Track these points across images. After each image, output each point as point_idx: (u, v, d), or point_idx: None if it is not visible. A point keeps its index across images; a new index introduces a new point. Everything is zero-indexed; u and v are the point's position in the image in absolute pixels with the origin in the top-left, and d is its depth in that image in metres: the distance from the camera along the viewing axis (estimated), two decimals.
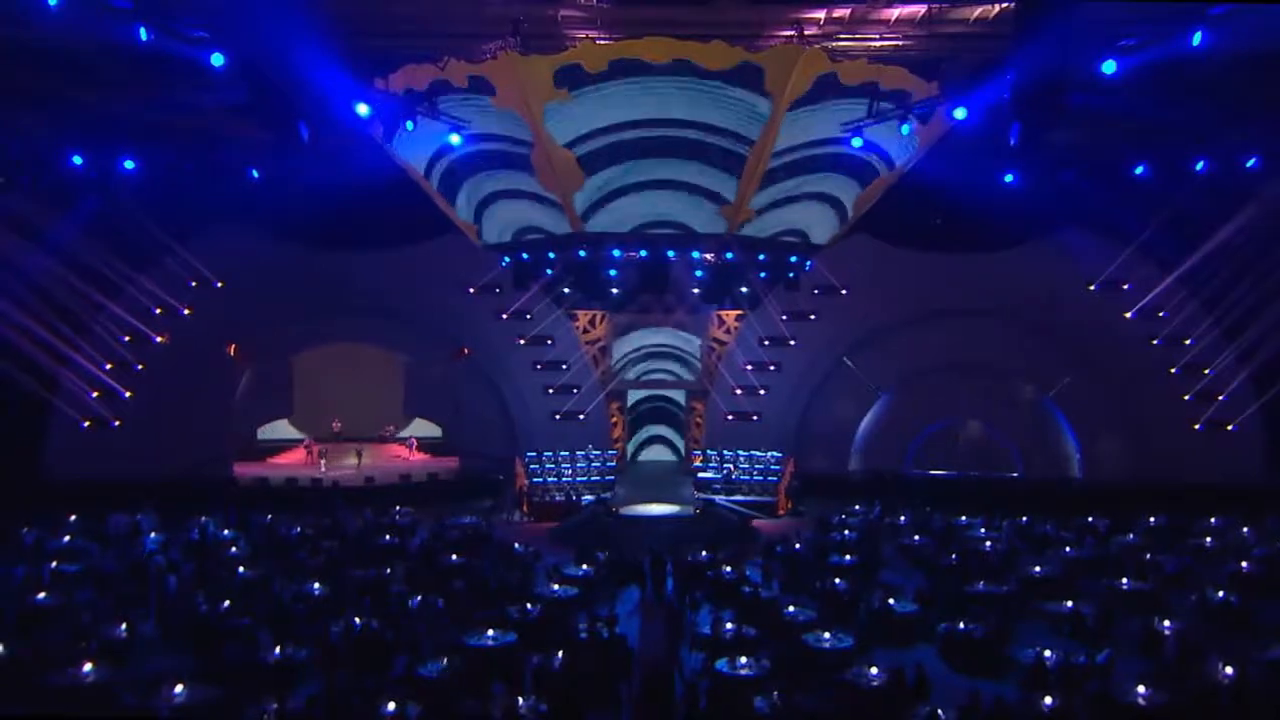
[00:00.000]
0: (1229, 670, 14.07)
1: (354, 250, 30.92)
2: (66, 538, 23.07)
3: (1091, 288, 30.68)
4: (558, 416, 31.79)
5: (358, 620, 16.15)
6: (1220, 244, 27.98)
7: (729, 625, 16.49)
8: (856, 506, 27.25)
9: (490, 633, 15.86)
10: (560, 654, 14.78)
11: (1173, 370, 30.30)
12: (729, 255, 26.16)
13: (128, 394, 29.92)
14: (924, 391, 32.21)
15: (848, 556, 21.38)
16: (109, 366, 29.93)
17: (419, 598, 17.84)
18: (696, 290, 28.36)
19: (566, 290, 29.66)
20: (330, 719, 12.65)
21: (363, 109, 19.88)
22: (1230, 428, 29.71)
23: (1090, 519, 25.29)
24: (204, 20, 17.30)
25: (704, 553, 21.48)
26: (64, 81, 21.32)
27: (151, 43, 16.68)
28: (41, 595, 18.17)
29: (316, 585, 18.69)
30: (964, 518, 25.66)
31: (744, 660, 14.54)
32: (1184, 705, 13.34)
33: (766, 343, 32.00)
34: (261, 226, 29.99)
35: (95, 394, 29.53)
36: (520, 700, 13.03)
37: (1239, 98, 21.52)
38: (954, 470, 31.88)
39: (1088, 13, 17.55)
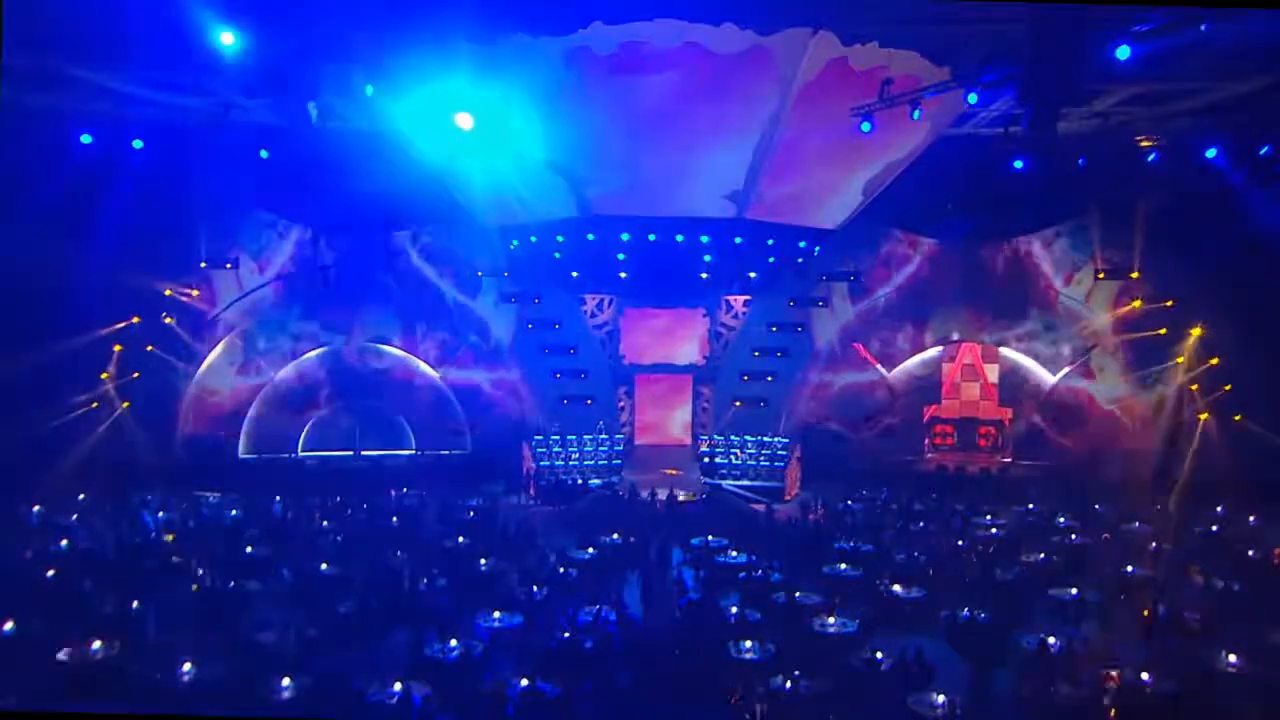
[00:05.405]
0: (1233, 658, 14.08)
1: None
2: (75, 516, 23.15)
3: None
4: (565, 401, 31.92)
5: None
6: None
7: (734, 609, 16.51)
8: (863, 492, 27.21)
9: (496, 615, 15.94)
10: (566, 635, 14.82)
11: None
12: (738, 240, 26.05)
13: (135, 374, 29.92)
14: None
15: (854, 542, 21.38)
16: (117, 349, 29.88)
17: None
18: (705, 275, 28.30)
19: (575, 274, 29.63)
20: (337, 701, 12.73)
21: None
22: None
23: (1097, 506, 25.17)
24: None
25: (710, 537, 21.50)
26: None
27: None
28: (50, 573, 18.19)
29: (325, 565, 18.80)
30: (970, 505, 25.58)
31: (748, 644, 14.57)
32: (1188, 692, 13.34)
33: (775, 329, 32.09)
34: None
35: (104, 375, 29.48)
36: (525, 681, 13.08)
37: None
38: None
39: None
